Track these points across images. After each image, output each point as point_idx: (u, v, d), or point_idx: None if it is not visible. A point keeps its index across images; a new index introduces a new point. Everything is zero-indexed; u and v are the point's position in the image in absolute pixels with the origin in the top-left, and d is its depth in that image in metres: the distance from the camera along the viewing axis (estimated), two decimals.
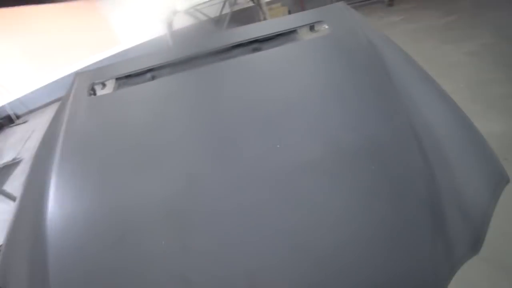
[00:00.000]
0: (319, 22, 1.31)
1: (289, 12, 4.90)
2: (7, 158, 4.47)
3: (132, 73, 1.31)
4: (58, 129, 1.13)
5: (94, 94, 1.31)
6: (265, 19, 4.32)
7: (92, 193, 0.88)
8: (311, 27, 1.31)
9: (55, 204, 0.87)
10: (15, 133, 5.22)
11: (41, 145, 1.14)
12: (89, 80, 1.36)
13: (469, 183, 0.72)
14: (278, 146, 0.82)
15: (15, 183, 3.75)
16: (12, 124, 5.52)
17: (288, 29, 1.32)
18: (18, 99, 5.52)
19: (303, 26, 1.32)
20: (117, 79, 1.32)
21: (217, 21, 4.65)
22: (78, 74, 1.49)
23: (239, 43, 1.30)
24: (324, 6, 1.47)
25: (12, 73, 5.27)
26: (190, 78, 1.19)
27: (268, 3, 4.63)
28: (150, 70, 1.31)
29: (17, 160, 4.28)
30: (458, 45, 3.31)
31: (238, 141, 0.88)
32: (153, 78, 1.27)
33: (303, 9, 5.37)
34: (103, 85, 1.31)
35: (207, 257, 0.69)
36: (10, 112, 5.52)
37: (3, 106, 5.47)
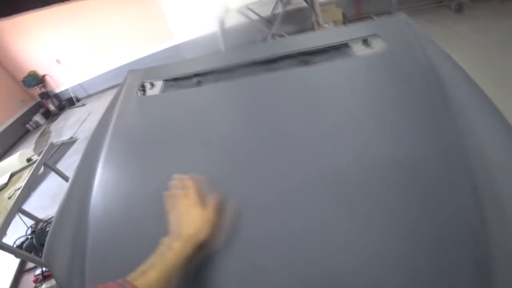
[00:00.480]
0: (374, 36, 1.19)
1: (344, 15, 4.67)
2: (65, 136, 4.94)
3: (179, 77, 1.32)
4: (108, 122, 1.19)
5: (143, 93, 1.35)
6: (317, 21, 4.18)
7: (132, 185, 0.91)
8: (365, 42, 1.19)
9: (99, 191, 0.92)
10: (74, 114, 5.74)
11: (92, 136, 1.21)
12: (139, 78, 1.41)
13: None
14: (314, 173, 0.76)
15: (71, 160, 4.13)
16: (72, 106, 6.08)
17: (340, 43, 1.22)
18: (79, 84, 6.05)
19: (356, 39, 1.21)
20: (165, 80, 1.34)
21: (269, 20, 4.61)
22: (130, 71, 1.55)
23: (287, 54, 1.24)
24: (384, 18, 1.35)
25: (76, 60, 5.79)
26: (235, 88, 1.16)
27: (321, 4, 4.46)
28: (196, 75, 1.31)
29: (74, 139, 4.70)
30: None
31: (277, 158, 0.84)
32: (198, 83, 1.27)
33: (358, 12, 5.10)
34: (152, 85, 1.34)
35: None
36: (72, 95, 6.09)
37: (66, 89, 6.05)
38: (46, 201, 3.46)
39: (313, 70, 1.12)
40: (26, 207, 3.25)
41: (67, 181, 2.31)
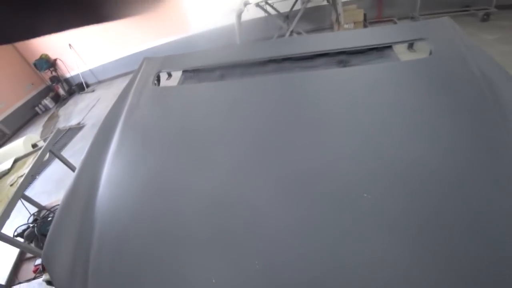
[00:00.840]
0: (420, 39, 1.08)
1: (365, 16, 4.52)
2: (73, 121, 4.90)
3: (201, 68, 1.21)
4: (120, 112, 1.12)
5: (159, 83, 1.26)
6: (338, 20, 4.04)
7: (142, 181, 0.85)
8: (410, 45, 1.07)
9: (106, 186, 0.86)
10: (83, 100, 5.70)
11: (102, 126, 1.13)
12: (156, 67, 1.31)
13: None
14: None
15: (77, 146, 4.08)
16: (82, 92, 6.04)
17: (382, 44, 1.10)
18: (90, 70, 6.01)
19: (401, 42, 1.09)
20: (184, 71, 1.23)
21: (287, 16, 4.48)
22: (146, 59, 1.45)
23: (324, 52, 1.11)
24: (426, 20, 1.23)
25: (88, 46, 5.72)
26: (265, 86, 1.04)
27: (343, 4, 4.31)
28: (219, 68, 1.19)
29: (81, 126, 4.65)
30: None
31: (299, 164, 0.77)
32: (222, 77, 1.15)
33: (380, 14, 4.94)
34: (169, 75, 1.24)
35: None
36: (83, 81, 6.04)
37: (77, 74, 6.01)
38: (49, 186, 3.41)
39: (354, 73, 1.00)
40: (29, 192, 3.20)
41: (72, 169, 2.24)
